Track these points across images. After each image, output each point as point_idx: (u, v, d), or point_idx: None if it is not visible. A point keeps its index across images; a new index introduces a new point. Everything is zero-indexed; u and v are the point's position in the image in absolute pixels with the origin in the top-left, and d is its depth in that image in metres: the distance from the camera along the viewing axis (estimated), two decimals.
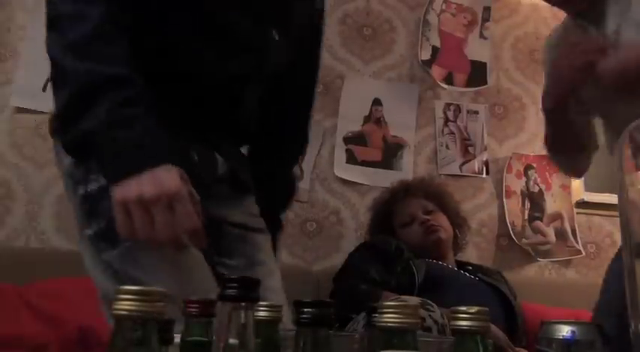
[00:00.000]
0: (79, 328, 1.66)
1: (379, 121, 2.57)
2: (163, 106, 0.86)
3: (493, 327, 1.57)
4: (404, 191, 2.15)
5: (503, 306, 1.84)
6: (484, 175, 2.61)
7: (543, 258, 2.56)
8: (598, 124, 1.41)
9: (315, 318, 0.54)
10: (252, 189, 1.13)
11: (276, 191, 1.22)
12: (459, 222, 2.15)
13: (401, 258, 1.87)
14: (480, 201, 2.58)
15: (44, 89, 2.09)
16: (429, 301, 1.34)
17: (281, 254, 2.08)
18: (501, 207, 2.59)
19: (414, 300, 1.34)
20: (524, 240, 2.55)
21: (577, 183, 2.62)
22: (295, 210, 2.39)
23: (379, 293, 1.69)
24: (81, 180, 0.90)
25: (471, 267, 1.99)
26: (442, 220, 2.05)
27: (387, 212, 2.14)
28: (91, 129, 0.80)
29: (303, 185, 2.42)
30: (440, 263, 1.93)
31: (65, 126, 0.86)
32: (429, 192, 2.14)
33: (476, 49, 2.75)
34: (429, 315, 1.30)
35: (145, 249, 0.82)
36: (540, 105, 1.27)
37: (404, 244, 1.94)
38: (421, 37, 2.69)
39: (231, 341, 0.51)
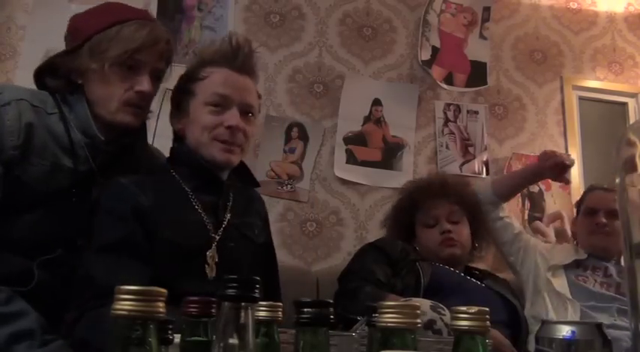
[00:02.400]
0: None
1: (379, 121, 2.56)
2: None
3: (497, 332, 1.56)
4: (437, 186, 2.01)
5: (509, 313, 1.83)
6: (484, 175, 2.61)
7: None
8: None
9: (315, 318, 0.54)
10: None
11: None
12: (481, 235, 2.04)
13: (406, 260, 1.84)
14: None
15: None
16: (440, 304, 1.33)
17: (281, 254, 2.08)
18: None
19: (425, 302, 1.32)
20: None
21: (577, 183, 2.62)
22: (295, 210, 2.39)
23: (383, 296, 1.66)
24: None
25: (478, 272, 1.97)
26: (463, 233, 1.95)
27: (413, 202, 2.01)
28: None
29: (303, 185, 2.43)
30: (447, 267, 1.91)
31: None
32: (463, 199, 2.00)
33: (476, 49, 2.75)
34: (440, 318, 1.28)
35: None
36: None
37: (411, 246, 1.91)
38: (421, 37, 2.69)
39: (231, 341, 0.51)
